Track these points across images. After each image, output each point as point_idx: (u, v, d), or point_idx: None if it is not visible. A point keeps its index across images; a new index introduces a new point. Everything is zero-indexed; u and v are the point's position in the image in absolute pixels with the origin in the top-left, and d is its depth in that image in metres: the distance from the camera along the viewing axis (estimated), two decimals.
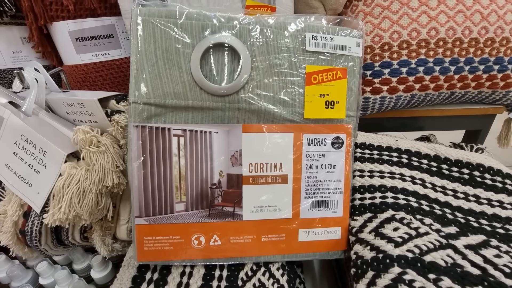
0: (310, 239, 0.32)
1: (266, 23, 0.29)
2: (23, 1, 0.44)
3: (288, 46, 0.30)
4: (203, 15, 0.28)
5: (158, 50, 0.28)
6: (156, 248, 0.30)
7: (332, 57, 0.31)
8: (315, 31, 0.30)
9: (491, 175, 0.37)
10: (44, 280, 0.37)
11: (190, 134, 0.29)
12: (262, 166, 0.31)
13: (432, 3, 0.43)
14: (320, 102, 0.31)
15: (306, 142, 0.32)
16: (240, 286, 0.29)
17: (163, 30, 0.28)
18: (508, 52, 0.46)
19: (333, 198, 0.33)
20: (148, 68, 0.28)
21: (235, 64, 0.29)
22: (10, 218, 0.32)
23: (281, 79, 0.30)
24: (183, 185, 0.30)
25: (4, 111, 0.32)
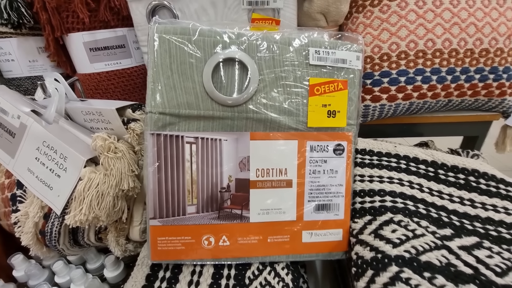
0: (313, 240, 0.34)
1: (272, 39, 0.32)
2: (42, 14, 0.47)
3: (292, 60, 0.32)
4: (214, 31, 0.31)
5: (173, 64, 0.30)
6: (169, 248, 0.32)
7: (334, 69, 0.33)
8: (317, 46, 0.33)
9: (486, 180, 0.38)
10: (60, 279, 0.39)
11: (201, 142, 0.31)
12: (268, 171, 0.32)
13: (429, 16, 0.45)
14: (322, 111, 0.33)
15: (309, 149, 0.33)
16: (247, 284, 0.31)
17: (178, 46, 0.30)
18: (503, 62, 0.48)
19: (335, 201, 0.34)
20: (164, 80, 0.30)
21: (244, 77, 0.31)
22: (31, 219, 0.34)
23: (286, 90, 0.32)
24: (195, 189, 0.32)
25: (27, 119, 0.35)
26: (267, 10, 0.44)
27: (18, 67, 0.54)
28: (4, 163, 0.36)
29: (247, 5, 0.43)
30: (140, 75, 0.56)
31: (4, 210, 0.39)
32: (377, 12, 0.47)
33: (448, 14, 0.45)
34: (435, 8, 0.45)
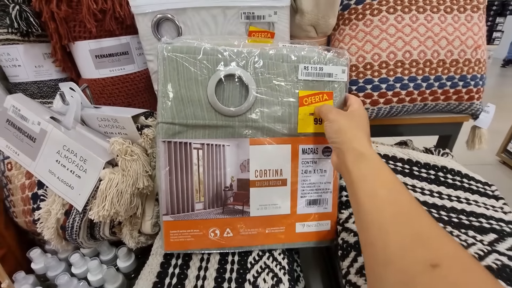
0: (305, 230, 0.39)
1: (267, 56, 0.36)
2: (50, 24, 0.50)
3: (285, 75, 0.36)
4: (216, 50, 0.35)
5: (181, 80, 0.34)
6: (180, 240, 0.36)
7: (321, 83, 0.38)
8: (307, 61, 0.37)
9: (452, 176, 0.45)
10: (77, 270, 0.43)
11: (207, 147, 0.36)
12: (266, 172, 0.37)
13: (406, 30, 0.51)
14: (310, 119, 0.37)
15: (301, 151, 0.38)
16: (249, 268, 0.36)
17: (184, 64, 0.34)
18: (470, 71, 0.54)
19: (324, 197, 0.39)
20: (172, 95, 0.34)
21: (243, 90, 0.35)
22: (54, 216, 0.37)
23: (279, 101, 0.36)
24: (202, 188, 0.36)
25: (47, 125, 0.38)
26: (263, 24, 0.48)
27: (25, 72, 0.56)
28: (26, 165, 0.40)
29: (245, 19, 0.47)
30: (143, 80, 0.60)
31: (23, 208, 0.42)
32: (361, 26, 0.52)
33: (423, 28, 0.51)
34: (412, 23, 0.50)
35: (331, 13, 0.51)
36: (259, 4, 0.46)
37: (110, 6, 0.50)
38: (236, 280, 0.33)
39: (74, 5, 0.48)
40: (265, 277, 0.33)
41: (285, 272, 0.34)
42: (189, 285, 0.32)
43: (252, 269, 0.34)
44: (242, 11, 0.47)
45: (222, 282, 0.32)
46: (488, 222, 0.38)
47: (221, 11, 0.47)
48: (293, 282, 0.33)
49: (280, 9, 0.47)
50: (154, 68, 0.53)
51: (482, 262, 0.31)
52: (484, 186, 0.44)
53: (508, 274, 0.30)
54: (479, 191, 0.43)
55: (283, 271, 0.34)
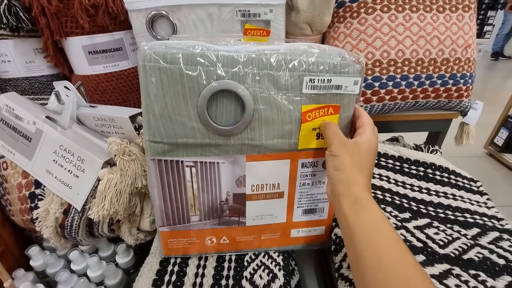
0: (300, 235, 0.39)
1: (268, 65, 0.29)
2: (41, 19, 0.48)
3: (287, 89, 0.30)
4: (207, 58, 0.28)
5: (167, 96, 0.29)
6: (178, 246, 0.36)
7: (327, 95, 0.31)
8: (314, 71, 0.30)
9: (440, 172, 0.47)
10: (76, 266, 0.44)
11: (200, 165, 0.33)
12: (263, 186, 0.35)
13: (400, 29, 0.51)
14: (312, 134, 0.33)
15: (300, 166, 0.35)
16: (246, 266, 0.37)
17: (169, 76, 0.28)
18: (460, 70, 0.55)
19: (320, 206, 0.38)
20: (158, 112, 0.30)
21: (238, 106, 0.30)
22: (52, 215, 0.38)
23: (279, 118, 0.31)
24: (197, 203, 0.35)
25: (42, 125, 0.38)
26: (258, 22, 0.48)
27: (15, 68, 0.55)
28: (22, 165, 0.40)
29: (241, 17, 0.47)
30: (137, 76, 0.59)
31: (20, 207, 0.42)
32: (356, 24, 0.52)
33: (416, 28, 0.51)
34: (405, 22, 0.51)
35: (326, 11, 0.51)
36: (255, 2, 0.46)
37: (103, 1, 0.49)
38: (234, 277, 0.34)
39: (65, 0, 0.47)
40: (261, 274, 0.34)
41: (280, 268, 0.35)
42: (188, 282, 0.33)
43: (249, 267, 0.36)
44: (237, 8, 0.47)
45: (220, 279, 0.34)
46: (472, 217, 0.40)
47: (217, 9, 0.46)
48: (288, 277, 0.35)
49: (276, 7, 0.47)
50: None
51: (465, 255, 0.34)
52: (470, 182, 0.46)
53: (488, 266, 0.32)
54: (465, 187, 0.45)
55: (278, 267, 0.35)
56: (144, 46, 0.28)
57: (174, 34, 0.49)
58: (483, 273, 0.31)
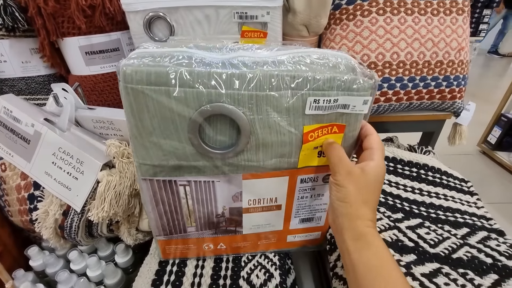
0: (296, 240, 0.40)
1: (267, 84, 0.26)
2: (37, 19, 0.48)
3: (288, 111, 0.27)
4: (197, 76, 0.24)
5: (154, 120, 0.26)
6: (176, 252, 0.37)
7: (331, 115, 0.28)
8: (319, 90, 0.26)
9: (433, 173, 0.48)
10: (75, 266, 0.44)
11: (194, 183, 0.31)
12: (260, 200, 0.34)
13: (395, 31, 0.52)
14: (313, 152, 0.31)
15: (299, 181, 0.33)
16: (243, 266, 0.38)
17: (155, 100, 0.25)
18: (453, 72, 0.57)
19: (318, 215, 0.37)
20: (145, 137, 0.27)
21: (234, 128, 0.28)
22: (52, 216, 0.38)
23: (279, 140, 0.29)
24: (192, 216, 0.34)
25: (41, 127, 0.38)
26: (255, 23, 0.49)
27: (11, 68, 0.55)
28: (21, 167, 0.40)
29: (238, 19, 0.48)
30: None
31: (19, 208, 0.43)
32: (352, 26, 0.53)
33: (411, 30, 0.52)
34: (400, 25, 0.52)
35: (322, 13, 0.51)
36: (252, 4, 0.46)
37: (100, 1, 0.49)
38: (231, 277, 0.35)
39: (62, 0, 0.47)
40: (257, 273, 0.35)
41: (276, 267, 0.36)
42: (186, 282, 0.34)
43: (246, 267, 0.37)
44: (235, 10, 0.47)
45: (218, 279, 0.34)
46: (462, 216, 0.41)
47: (214, 11, 0.47)
48: (284, 276, 0.36)
49: (273, 10, 0.48)
50: None
51: (455, 254, 0.35)
52: (461, 183, 0.48)
53: (476, 265, 0.34)
54: (456, 188, 0.46)
55: (274, 266, 0.36)
56: (124, 65, 0.23)
57: (171, 35, 0.49)
58: (471, 272, 0.33)
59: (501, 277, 0.32)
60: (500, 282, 0.31)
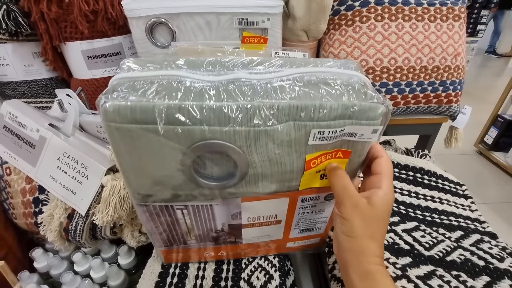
0: (295, 245, 0.40)
1: (267, 121, 0.23)
2: (40, 24, 0.49)
3: (290, 143, 0.25)
4: (188, 112, 0.21)
5: (143, 156, 0.24)
6: (178, 258, 0.38)
7: (337, 143, 0.26)
8: (325, 120, 0.23)
9: (428, 176, 0.49)
10: (79, 268, 0.45)
11: (192, 207, 0.31)
12: (259, 217, 0.33)
13: (392, 37, 0.53)
14: (316, 176, 0.29)
15: (300, 201, 0.32)
16: (244, 267, 0.39)
17: (143, 137, 0.22)
18: (450, 77, 0.58)
19: (318, 225, 0.37)
20: (135, 170, 0.25)
21: (231, 161, 0.25)
22: (57, 220, 0.39)
23: (279, 170, 0.27)
24: (192, 233, 0.35)
25: (46, 132, 0.39)
26: (256, 29, 0.50)
27: (14, 72, 0.55)
28: (26, 171, 0.41)
29: (239, 25, 0.48)
30: None
31: (24, 211, 0.43)
32: (350, 32, 0.54)
33: (408, 36, 0.53)
34: (398, 31, 0.53)
35: (322, 19, 0.52)
36: (253, 10, 0.47)
37: (102, 7, 0.49)
38: (232, 279, 0.36)
39: (65, 6, 0.48)
40: (258, 275, 0.36)
41: (276, 269, 0.37)
42: (189, 284, 0.35)
43: (246, 269, 0.38)
44: (235, 17, 0.48)
45: (219, 281, 0.35)
46: (457, 220, 0.42)
47: (215, 17, 0.47)
48: (283, 277, 0.37)
49: (273, 16, 0.48)
50: None
51: (448, 257, 0.36)
52: (456, 186, 0.49)
53: (469, 267, 0.35)
54: (451, 191, 0.48)
55: (274, 268, 0.37)
56: (105, 101, 0.21)
57: (173, 40, 0.49)
58: (464, 274, 0.34)
59: (493, 279, 0.33)
60: (492, 284, 0.33)
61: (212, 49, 0.46)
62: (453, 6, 0.54)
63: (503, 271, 0.34)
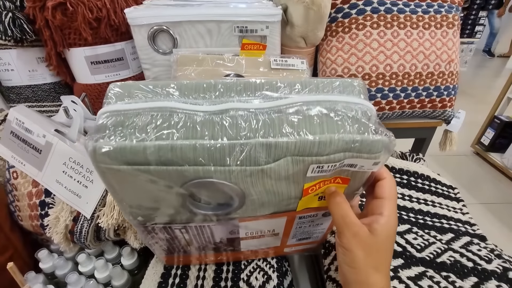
0: (293, 250, 0.42)
1: (264, 161, 0.22)
2: (45, 31, 0.50)
3: (287, 178, 0.24)
4: (181, 152, 0.20)
5: (137, 192, 0.24)
6: (179, 262, 0.40)
7: (336, 171, 0.25)
8: (324, 154, 0.22)
9: (422, 180, 0.51)
10: (83, 268, 0.47)
11: (190, 227, 0.31)
12: (257, 232, 0.34)
13: (388, 44, 0.55)
14: (314, 198, 0.28)
15: (298, 218, 0.32)
16: (243, 268, 0.40)
17: (135, 176, 0.21)
18: (444, 82, 0.59)
19: (316, 235, 0.38)
20: (128, 202, 0.25)
21: (227, 193, 0.24)
22: (62, 222, 0.40)
23: (277, 199, 0.27)
24: (191, 245, 0.36)
25: (52, 138, 0.40)
26: (255, 37, 0.51)
27: (18, 76, 0.57)
28: (32, 175, 0.42)
29: (238, 33, 0.50)
30: None
31: (30, 213, 0.45)
32: (347, 39, 0.55)
33: (403, 43, 0.55)
34: (393, 38, 0.54)
35: (319, 26, 0.54)
36: (252, 19, 0.49)
37: (105, 14, 0.51)
38: (232, 279, 0.37)
39: (69, 14, 0.49)
40: (256, 275, 0.38)
41: (274, 270, 0.39)
42: (190, 285, 0.36)
43: (245, 269, 0.39)
44: (235, 25, 0.49)
45: (219, 281, 0.37)
46: (448, 222, 0.44)
47: (216, 25, 0.49)
48: (281, 278, 0.38)
49: (272, 24, 0.50)
50: (150, 76, 0.55)
51: (439, 258, 0.38)
52: (448, 189, 0.50)
53: (458, 269, 0.36)
54: (444, 194, 0.49)
55: (272, 269, 0.39)
56: (92, 143, 0.20)
57: (174, 47, 0.51)
58: (453, 275, 0.35)
59: (480, 280, 0.35)
60: (479, 284, 0.34)
61: (213, 57, 0.48)
62: (447, 14, 0.56)
63: (490, 272, 0.36)
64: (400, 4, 0.54)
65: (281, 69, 0.49)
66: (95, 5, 0.50)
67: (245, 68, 0.48)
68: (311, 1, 0.49)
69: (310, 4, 0.50)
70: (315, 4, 0.49)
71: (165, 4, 0.52)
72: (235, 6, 0.51)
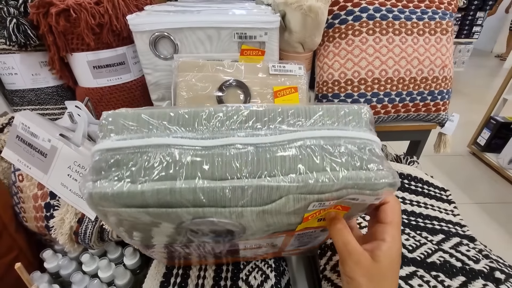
0: (290, 253, 0.43)
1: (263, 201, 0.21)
2: (48, 37, 0.51)
3: (288, 214, 0.24)
4: (180, 195, 0.20)
5: (135, 228, 0.24)
6: (179, 264, 0.41)
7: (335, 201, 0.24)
8: (326, 192, 0.21)
9: (415, 182, 0.52)
10: (87, 268, 0.48)
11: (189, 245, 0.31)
12: (256, 245, 0.34)
13: (383, 50, 0.56)
14: (313, 221, 0.28)
15: (297, 234, 0.31)
16: (242, 268, 0.42)
17: (133, 217, 0.21)
18: (438, 87, 0.61)
19: (314, 243, 0.38)
20: (127, 232, 0.25)
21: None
22: (68, 224, 0.42)
23: (277, 227, 0.27)
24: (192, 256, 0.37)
25: (57, 142, 0.42)
26: (254, 43, 0.52)
27: (21, 80, 0.58)
28: (38, 178, 0.43)
29: (238, 39, 0.51)
30: (139, 88, 0.63)
31: (35, 215, 0.46)
32: (344, 44, 0.57)
33: (398, 49, 0.56)
34: (388, 44, 0.56)
35: (317, 33, 0.55)
36: (251, 26, 0.50)
37: (107, 20, 0.52)
38: (231, 279, 0.39)
39: (72, 19, 0.50)
40: (255, 275, 0.39)
41: (272, 269, 0.40)
42: (191, 284, 0.38)
43: (244, 269, 0.41)
44: (235, 31, 0.50)
45: (219, 281, 0.39)
46: (439, 224, 0.46)
47: (216, 31, 0.50)
48: (279, 277, 0.40)
49: (270, 30, 0.51)
50: (151, 81, 0.56)
51: (429, 259, 0.39)
52: (441, 192, 0.52)
53: (447, 268, 0.38)
54: (436, 196, 0.51)
55: (270, 268, 0.41)
56: (88, 187, 0.19)
57: (175, 53, 0.52)
58: (442, 274, 0.37)
59: (468, 279, 0.36)
60: (467, 283, 0.36)
61: (213, 63, 0.49)
62: (441, 21, 0.57)
63: (477, 271, 0.37)
64: (395, 11, 0.55)
65: (279, 75, 0.50)
66: (98, 11, 0.51)
67: (244, 74, 0.49)
68: (308, 8, 0.51)
69: (308, 11, 0.51)
70: (313, 11, 0.51)
71: (166, 11, 0.54)
72: (234, 13, 0.52)
